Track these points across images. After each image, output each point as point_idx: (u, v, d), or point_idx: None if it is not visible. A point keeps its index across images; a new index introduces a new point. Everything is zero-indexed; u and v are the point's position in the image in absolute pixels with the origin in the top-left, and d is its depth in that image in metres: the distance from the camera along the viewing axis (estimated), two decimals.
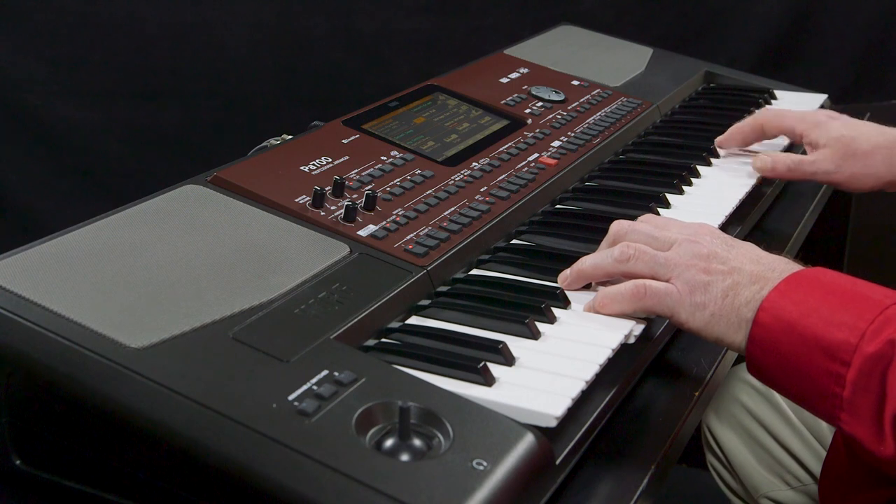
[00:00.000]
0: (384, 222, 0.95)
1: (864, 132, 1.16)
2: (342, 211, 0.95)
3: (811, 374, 0.74)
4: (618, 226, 0.91)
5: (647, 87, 1.48)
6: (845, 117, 1.20)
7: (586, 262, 0.89)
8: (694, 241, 0.84)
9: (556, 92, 1.37)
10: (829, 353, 0.73)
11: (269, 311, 0.79)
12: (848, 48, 2.19)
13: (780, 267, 0.81)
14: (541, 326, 0.84)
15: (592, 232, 0.99)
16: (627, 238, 0.88)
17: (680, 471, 1.81)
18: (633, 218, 1.04)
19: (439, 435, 0.67)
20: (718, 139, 1.28)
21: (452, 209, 1.01)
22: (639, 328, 0.84)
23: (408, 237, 0.94)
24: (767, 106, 1.30)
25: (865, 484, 0.91)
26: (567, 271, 0.91)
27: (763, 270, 0.80)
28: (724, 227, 1.07)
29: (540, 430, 0.68)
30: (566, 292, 0.89)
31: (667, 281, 0.83)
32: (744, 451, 1.27)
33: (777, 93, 1.55)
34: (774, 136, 1.26)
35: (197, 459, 0.66)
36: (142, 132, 2.09)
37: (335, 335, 0.77)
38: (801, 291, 0.77)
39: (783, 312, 0.76)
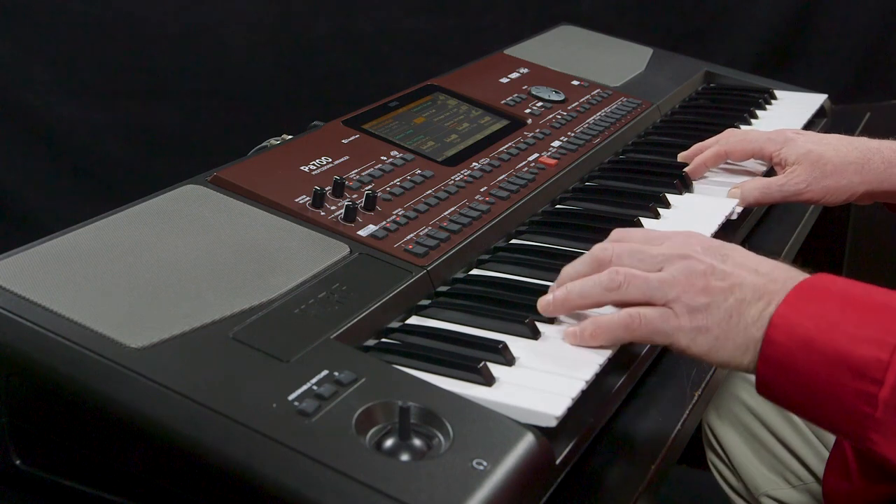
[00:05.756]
0: (384, 222, 0.95)
1: (833, 146, 1.11)
2: (342, 211, 0.95)
3: (836, 394, 0.69)
4: (600, 251, 0.82)
5: (647, 87, 1.48)
6: (811, 133, 1.17)
7: (573, 292, 0.81)
8: (686, 256, 0.78)
9: (556, 92, 1.37)
10: (856, 372, 0.68)
11: (269, 311, 0.79)
12: (848, 48, 2.19)
13: (781, 276, 0.75)
14: (541, 326, 0.83)
15: (592, 232, 0.99)
16: (614, 262, 0.81)
17: (680, 471, 1.81)
18: (632, 218, 1.05)
19: (439, 435, 0.66)
20: (687, 169, 1.18)
21: (452, 209, 1.01)
22: None
23: (408, 237, 0.94)
24: (729, 129, 1.24)
25: (870, 479, 0.91)
26: (548, 297, 0.83)
27: (766, 282, 0.75)
28: (724, 229, 1.07)
29: (540, 430, 0.68)
30: None
31: (663, 305, 0.77)
32: (745, 450, 1.26)
33: (777, 93, 1.55)
34: (743, 161, 1.21)
35: (197, 459, 0.66)
36: (142, 132, 2.09)
37: (335, 335, 0.77)
38: (814, 304, 0.72)
39: (798, 329, 0.71)
